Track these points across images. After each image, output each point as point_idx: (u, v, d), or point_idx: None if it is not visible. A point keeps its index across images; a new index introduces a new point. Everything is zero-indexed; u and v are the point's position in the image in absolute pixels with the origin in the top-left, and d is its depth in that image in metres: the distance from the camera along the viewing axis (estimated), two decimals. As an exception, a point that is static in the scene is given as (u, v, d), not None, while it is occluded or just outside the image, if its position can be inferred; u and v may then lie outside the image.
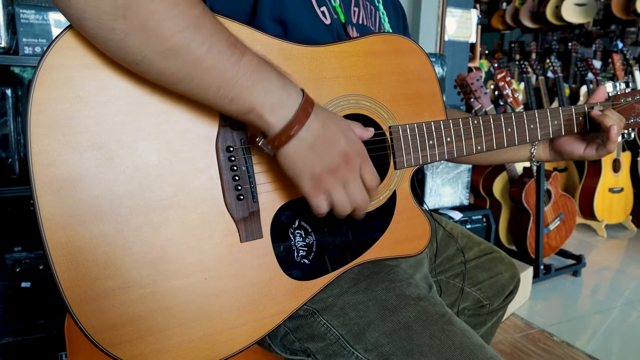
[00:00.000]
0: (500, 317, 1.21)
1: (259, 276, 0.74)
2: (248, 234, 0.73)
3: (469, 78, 2.32)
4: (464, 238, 1.17)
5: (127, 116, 0.65)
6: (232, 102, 0.63)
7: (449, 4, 2.99)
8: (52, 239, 0.62)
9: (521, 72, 3.52)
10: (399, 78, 0.86)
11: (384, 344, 0.78)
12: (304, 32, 0.82)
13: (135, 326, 0.67)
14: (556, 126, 1.02)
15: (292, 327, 0.85)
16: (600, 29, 5.96)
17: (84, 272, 0.64)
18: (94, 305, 0.65)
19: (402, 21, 1.11)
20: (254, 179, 0.73)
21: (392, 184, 0.87)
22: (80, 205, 0.63)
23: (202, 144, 0.69)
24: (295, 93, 0.66)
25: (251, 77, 0.62)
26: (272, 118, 0.64)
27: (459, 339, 0.78)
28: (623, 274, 2.97)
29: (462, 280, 1.11)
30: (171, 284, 0.68)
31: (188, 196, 0.69)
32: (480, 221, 2.54)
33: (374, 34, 0.84)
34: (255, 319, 0.74)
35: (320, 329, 0.82)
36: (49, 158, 0.61)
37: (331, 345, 0.82)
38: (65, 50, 0.62)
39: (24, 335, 1.56)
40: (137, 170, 0.66)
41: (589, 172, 3.50)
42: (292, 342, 0.86)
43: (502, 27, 6.11)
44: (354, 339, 0.80)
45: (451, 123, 0.90)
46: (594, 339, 2.19)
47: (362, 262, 0.84)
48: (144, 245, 0.66)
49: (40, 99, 0.61)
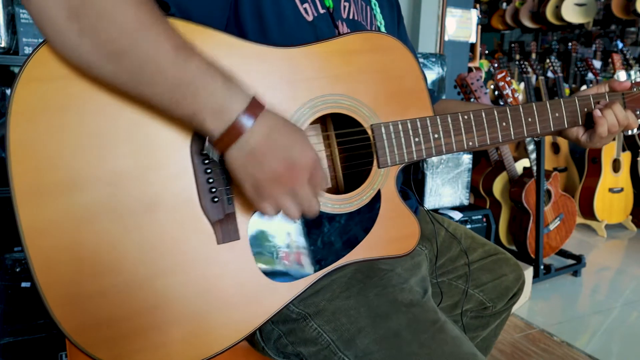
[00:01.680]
0: (505, 319, 1.19)
1: (238, 278, 0.74)
2: (225, 235, 0.73)
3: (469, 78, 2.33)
4: (467, 239, 1.14)
5: (101, 123, 0.66)
6: (178, 106, 0.64)
7: (449, 4, 3.00)
8: (32, 243, 0.64)
9: (521, 72, 3.52)
10: (381, 76, 0.84)
11: (373, 352, 0.78)
12: (285, 29, 0.81)
13: (114, 327, 0.68)
14: (558, 119, 0.99)
15: (285, 330, 0.85)
16: (600, 29, 5.96)
17: (63, 275, 0.65)
18: (74, 307, 0.66)
19: (396, 14, 1.09)
20: (228, 181, 0.73)
21: (376, 184, 0.85)
22: (58, 211, 0.65)
23: (177, 148, 0.70)
24: (240, 98, 0.65)
25: (194, 82, 0.62)
26: (214, 123, 0.64)
27: (450, 347, 0.78)
28: (623, 274, 2.97)
29: (465, 282, 1.10)
30: (149, 286, 0.69)
31: (164, 200, 0.69)
32: (480, 221, 2.54)
33: (351, 33, 0.83)
34: (236, 321, 0.75)
35: (312, 333, 0.82)
36: (26, 166, 0.63)
37: (322, 350, 0.81)
38: (38, 65, 0.63)
39: (24, 335, 1.56)
40: (113, 176, 0.67)
41: (589, 172, 3.50)
42: (286, 346, 0.85)
43: (502, 27, 6.11)
44: (345, 345, 0.80)
45: (439, 119, 0.88)
46: (594, 339, 2.19)
47: (348, 262, 0.83)
48: (122, 249, 0.68)
49: (20, 109, 0.63)
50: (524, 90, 3.63)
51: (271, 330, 0.86)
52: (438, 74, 2.59)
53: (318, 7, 0.87)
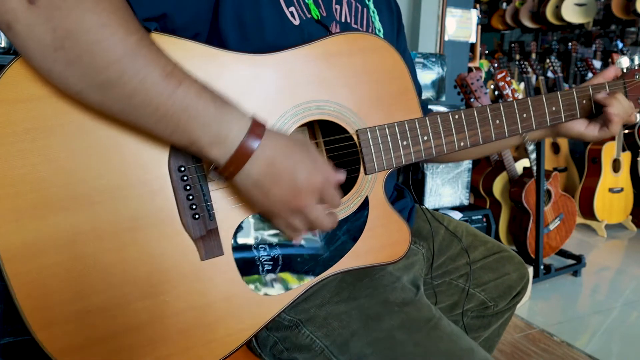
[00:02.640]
0: (508, 318, 1.16)
1: (223, 293, 0.74)
2: (208, 252, 0.72)
3: (469, 78, 2.33)
4: (469, 236, 1.12)
5: (76, 144, 0.65)
6: (172, 135, 0.63)
7: (449, 4, 2.99)
8: (11, 269, 0.63)
9: (521, 72, 3.52)
10: (365, 78, 0.81)
11: (367, 355, 0.77)
12: (267, 35, 0.78)
13: (100, 347, 0.67)
14: (554, 113, 0.94)
15: (280, 337, 0.84)
16: (600, 29, 5.96)
17: (45, 298, 0.65)
18: (57, 328, 0.65)
19: (396, 20, 1.06)
20: (209, 197, 0.72)
21: (364, 190, 0.83)
22: (37, 234, 0.64)
23: (155, 165, 0.69)
24: (236, 127, 0.63)
25: (186, 111, 0.61)
26: (213, 153, 0.64)
27: (445, 344, 0.77)
28: (623, 274, 2.97)
29: (465, 281, 1.08)
30: (132, 306, 0.69)
31: (145, 218, 0.68)
32: (480, 221, 2.54)
33: (333, 35, 0.79)
34: (222, 336, 0.74)
35: (305, 340, 0.81)
36: (3, 190, 0.62)
37: (317, 356, 0.81)
38: (9, 84, 0.62)
39: (24, 335, 1.55)
40: (90, 197, 0.66)
41: (589, 172, 3.50)
42: (281, 352, 0.85)
43: (502, 27, 6.11)
44: (338, 349, 0.79)
45: (428, 120, 0.84)
46: (594, 339, 2.19)
47: (336, 272, 0.81)
48: (105, 268, 0.67)
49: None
50: (524, 90, 3.63)
51: (267, 336, 0.86)
52: (438, 74, 2.59)
53: (304, 11, 0.84)
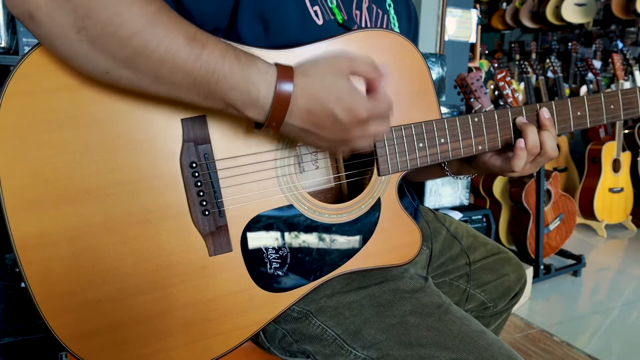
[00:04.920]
0: (505, 318, 1.18)
1: (230, 288, 0.75)
2: (217, 247, 0.73)
3: (469, 78, 2.32)
4: (469, 237, 1.13)
5: (89, 136, 0.66)
6: (207, 100, 0.63)
7: (449, 4, 2.99)
8: (25, 257, 0.64)
9: (521, 72, 3.52)
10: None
11: (381, 340, 0.77)
12: (289, 33, 0.77)
13: (110, 336, 0.69)
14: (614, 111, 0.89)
15: (289, 329, 0.85)
16: (600, 29, 5.96)
17: (57, 286, 0.66)
18: (68, 317, 0.67)
19: (413, 26, 1.05)
20: (219, 193, 0.72)
21: (376, 192, 0.82)
22: (50, 225, 0.65)
23: (168, 160, 0.70)
24: (264, 84, 0.63)
25: (214, 74, 0.61)
26: (250, 114, 0.64)
27: (458, 327, 0.77)
28: (623, 274, 2.97)
29: (466, 281, 1.09)
30: (141, 297, 0.70)
31: (155, 212, 0.69)
32: (480, 221, 2.54)
33: (353, 32, 0.78)
34: (228, 330, 0.75)
35: (316, 330, 0.82)
36: (18, 181, 0.63)
37: (329, 345, 0.81)
38: (26, 76, 0.63)
39: (24, 335, 1.55)
40: (103, 190, 0.67)
41: (589, 172, 3.50)
42: (291, 344, 0.85)
43: (502, 27, 6.11)
44: (351, 337, 0.80)
45: (446, 122, 0.83)
46: (594, 339, 2.19)
47: (344, 272, 0.81)
48: (114, 260, 0.68)
49: (6, 124, 0.63)
50: (524, 90, 3.63)
51: (275, 330, 0.86)
52: (438, 74, 2.59)
53: (327, 12, 0.82)
